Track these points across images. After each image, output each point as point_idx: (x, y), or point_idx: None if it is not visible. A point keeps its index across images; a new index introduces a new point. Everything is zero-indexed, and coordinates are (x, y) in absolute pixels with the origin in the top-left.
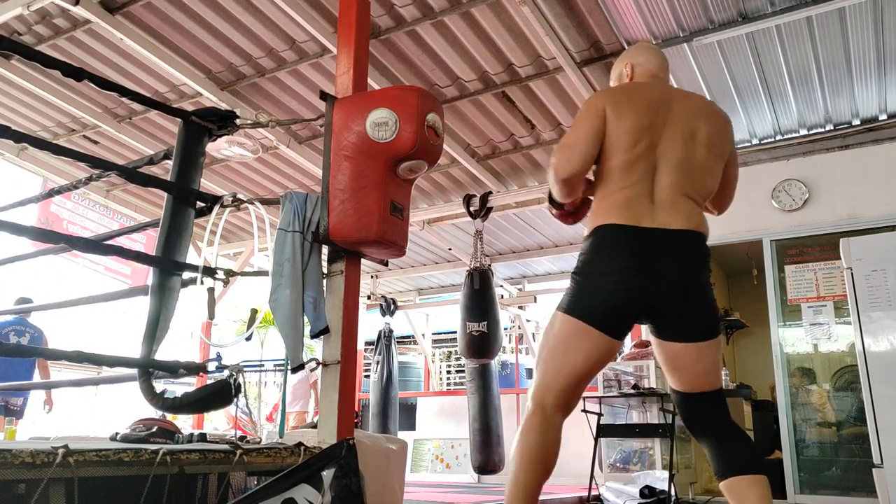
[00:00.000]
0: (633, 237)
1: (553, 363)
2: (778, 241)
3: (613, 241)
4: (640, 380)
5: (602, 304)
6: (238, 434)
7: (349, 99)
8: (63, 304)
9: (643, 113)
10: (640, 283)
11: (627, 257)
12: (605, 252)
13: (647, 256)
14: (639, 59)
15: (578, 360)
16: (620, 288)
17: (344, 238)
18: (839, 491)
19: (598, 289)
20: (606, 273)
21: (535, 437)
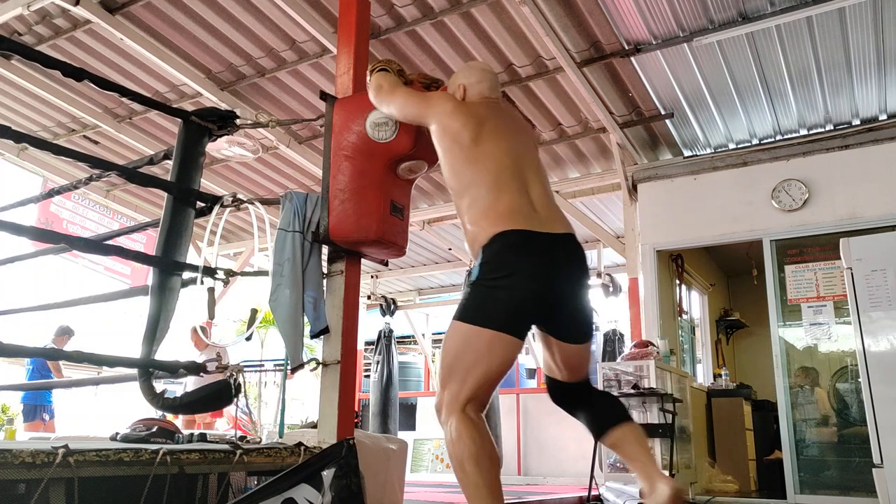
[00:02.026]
0: (533, 242)
1: (471, 374)
2: (778, 241)
3: (515, 247)
4: (640, 380)
5: (510, 309)
6: (238, 434)
7: (349, 99)
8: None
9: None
10: (543, 286)
11: (530, 262)
12: (504, 260)
13: (546, 260)
14: (471, 79)
15: (494, 367)
16: (527, 293)
17: (344, 238)
18: (839, 491)
19: (504, 296)
20: (512, 277)
21: (471, 439)
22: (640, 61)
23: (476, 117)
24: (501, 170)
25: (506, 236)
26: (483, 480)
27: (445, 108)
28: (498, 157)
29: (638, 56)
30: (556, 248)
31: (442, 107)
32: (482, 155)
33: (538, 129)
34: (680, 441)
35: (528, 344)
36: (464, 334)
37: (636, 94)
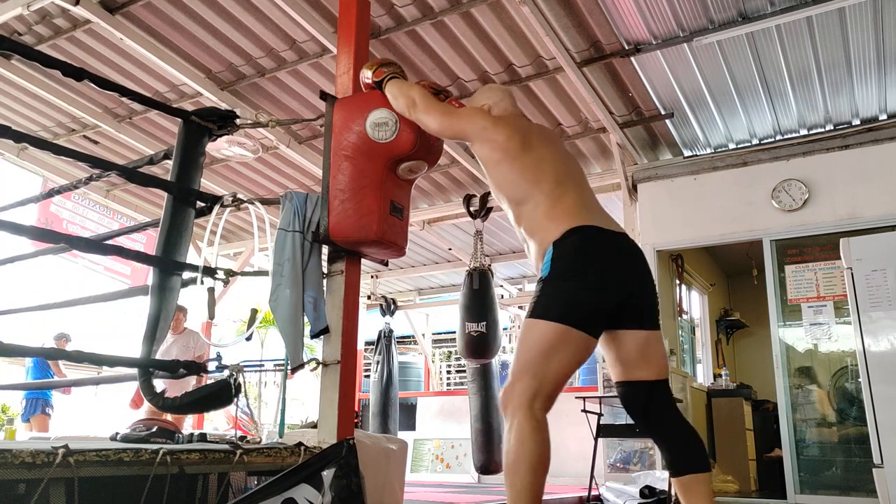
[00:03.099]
0: (604, 238)
1: (542, 372)
2: (778, 241)
3: (584, 244)
4: None
5: (585, 305)
6: (238, 434)
7: (349, 99)
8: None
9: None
10: (616, 281)
11: (603, 257)
12: (578, 255)
13: (614, 256)
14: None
15: (566, 365)
16: (601, 288)
17: (344, 238)
18: (839, 491)
19: (579, 290)
20: (586, 274)
21: (535, 445)
22: (640, 61)
23: (518, 127)
24: (558, 172)
25: (579, 232)
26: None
27: (486, 122)
28: (551, 161)
29: (638, 56)
30: (620, 244)
31: (483, 121)
32: (535, 161)
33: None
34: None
35: None
36: (537, 330)
37: (636, 94)
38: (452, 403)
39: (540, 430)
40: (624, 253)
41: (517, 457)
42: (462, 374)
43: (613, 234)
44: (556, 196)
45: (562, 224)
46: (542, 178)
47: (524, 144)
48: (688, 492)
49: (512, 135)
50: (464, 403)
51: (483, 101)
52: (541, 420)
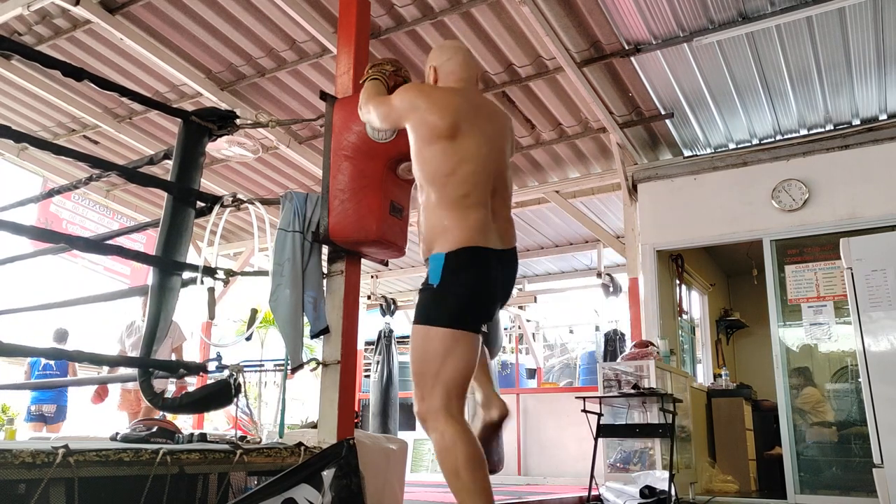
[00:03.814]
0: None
1: (445, 374)
2: (778, 241)
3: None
4: (640, 380)
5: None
6: (238, 434)
7: (349, 99)
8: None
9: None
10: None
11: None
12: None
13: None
14: (441, 59)
15: (461, 362)
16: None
17: (344, 238)
18: (839, 491)
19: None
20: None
21: (464, 445)
22: (640, 61)
23: (452, 108)
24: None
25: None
26: (478, 486)
27: (419, 100)
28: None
29: (638, 56)
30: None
31: (415, 99)
32: (459, 154)
33: (538, 129)
34: (680, 441)
35: (528, 344)
36: (426, 337)
37: (636, 94)
38: None
39: (465, 430)
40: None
41: (455, 462)
42: None
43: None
44: (465, 206)
45: (461, 239)
46: (457, 177)
47: (453, 130)
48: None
49: (443, 116)
50: None
51: (430, 63)
52: (460, 419)
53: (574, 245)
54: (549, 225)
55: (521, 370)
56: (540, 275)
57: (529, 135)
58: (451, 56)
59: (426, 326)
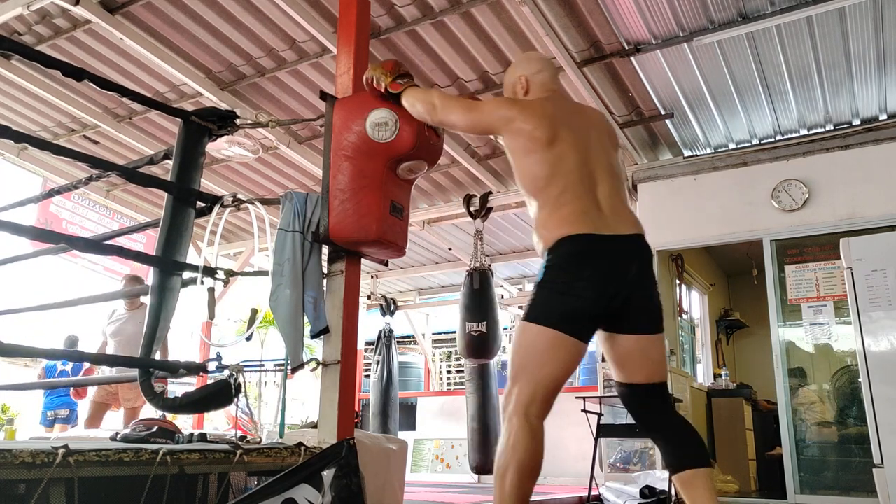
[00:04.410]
0: (597, 245)
1: (534, 376)
2: (778, 241)
3: (575, 253)
4: None
5: (575, 312)
6: (238, 434)
7: (349, 99)
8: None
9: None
10: (608, 289)
11: (595, 265)
12: (574, 262)
13: (607, 263)
14: (531, 70)
15: (558, 370)
16: (591, 295)
17: (344, 238)
18: (839, 491)
19: (569, 298)
20: (577, 282)
21: (528, 452)
22: (640, 61)
23: (547, 116)
24: (573, 172)
25: (572, 241)
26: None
27: (512, 111)
28: (572, 158)
29: (638, 56)
30: (619, 249)
31: (509, 111)
32: (556, 157)
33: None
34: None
35: None
36: (529, 334)
37: (636, 94)
38: (452, 403)
39: (533, 438)
40: (622, 259)
41: (507, 461)
42: (462, 374)
43: (612, 240)
44: (561, 202)
45: (556, 231)
46: (555, 178)
47: (550, 137)
48: (689, 487)
49: (539, 124)
50: (464, 403)
51: (521, 73)
52: (536, 427)
53: None
54: None
55: None
56: None
57: None
58: (542, 69)
59: (524, 323)
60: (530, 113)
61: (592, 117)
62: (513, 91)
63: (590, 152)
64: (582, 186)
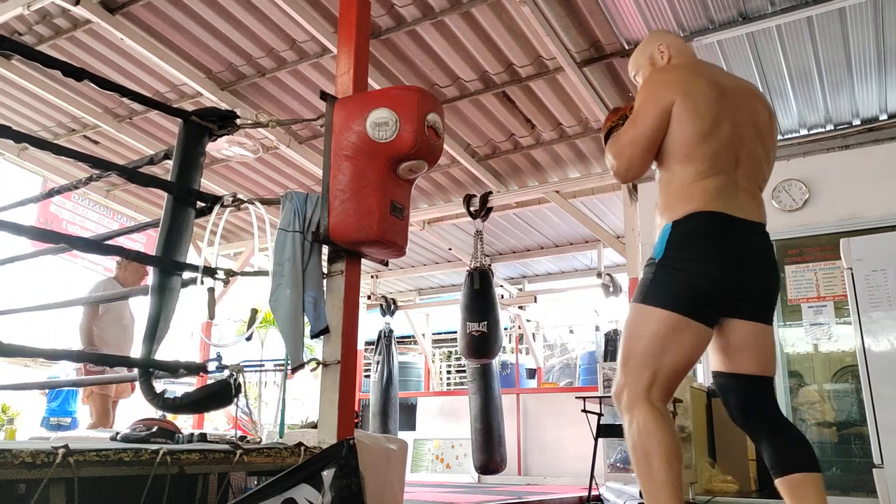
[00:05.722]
0: (724, 227)
1: (655, 360)
2: (778, 241)
3: (712, 229)
4: None
5: (700, 294)
6: (238, 434)
7: (349, 99)
8: (63, 304)
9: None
10: (734, 273)
11: (723, 246)
12: (704, 241)
13: (735, 247)
14: (668, 39)
15: (681, 355)
16: (717, 278)
17: (344, 238)
18: (839, 491)
19: (695, 279)
20: (706, 262)
21: (663, 435)
22: None
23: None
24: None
25: (703, 216)
26: (670, 479)
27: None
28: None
29: None
30: (748, 234)
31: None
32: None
33: (538, 129)
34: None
35: (528, 344)
36: (646, 317)
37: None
38: (452, 403)
39: (666, 420)
40: (749, 244)
41: (647, 450)
42: (462, 374)
43: (744, 224)
44: (702, 175)
45: (689, 205)
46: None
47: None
48: (796, 493)
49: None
50: (464, 403)
51: (661, 41)
52: (663, 411)
53: (574, 245)
54: (549, 225)
55: (521, 370)
56: (540, 275)
57: (529, 135)
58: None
59: (641, 305)
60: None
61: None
62: (651, 63)
63: (739, 129)
64: (727, 162)
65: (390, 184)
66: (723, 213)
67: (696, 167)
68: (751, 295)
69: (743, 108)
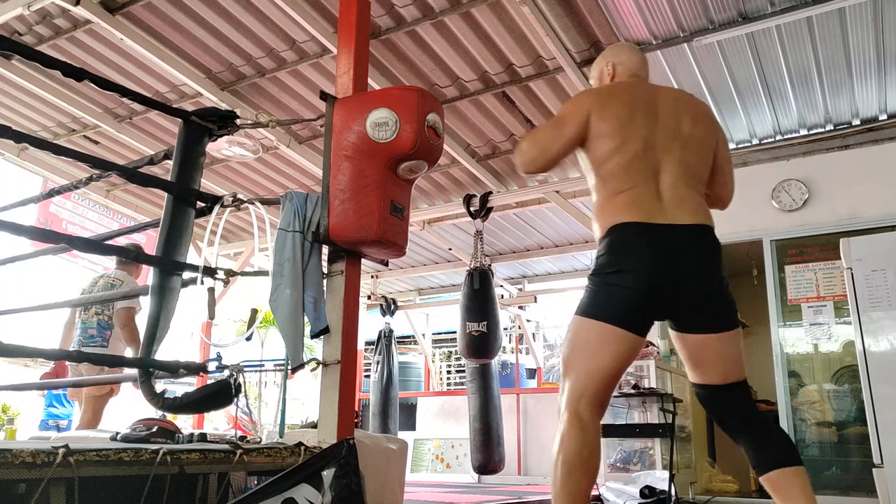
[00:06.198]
0: (649, 234)
1: (583, 369)
2: (778, 241)
3: (630, 239)
4: (640, 380)
5: (624, 303)
6: (238, 434)
7: (349, 99)
8: (63, 304)
9: (633, 113)
10: (661, 280)
11: (645, 254)
12: (622, 251)
13: (664, 252)
14: (620, 57)
15: (608, 362)
16: (642, 286)
17: (344, 238)
18: (839, 491)
19: (619, 289)
20: (626, 272)
21: (576, 445)
22: None
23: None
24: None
25: (618, 229)
26: (567, 489)
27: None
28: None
29: None
30: (673, 238)
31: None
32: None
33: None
34: (680, 441)
35: (528, 344)
36: (579, 327)
37: None
38: (452, 403)
39: (583, 431)
40: (675, 249)
41: (556, 458)
42: (462, 374)
43: (667, 229)
44: (620, 189)
45: (609, 220)
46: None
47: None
48: (780, 488)
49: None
50: (464, 403)
51: (609, 59)
52: (586, 421)
53: (574, 245)
54: (549, 225)
55: (521, 370)
56: (540, 275)
57: None
58: (631, 57)
59: (575, 316)
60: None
61: (680, 101)
62: (599, 79)
63: (660, 139)
64: (642, 174)
65: (390, 184)
66: (640, 223)
67: (612, 185)
68: (689, 299)
69: (663, 120)
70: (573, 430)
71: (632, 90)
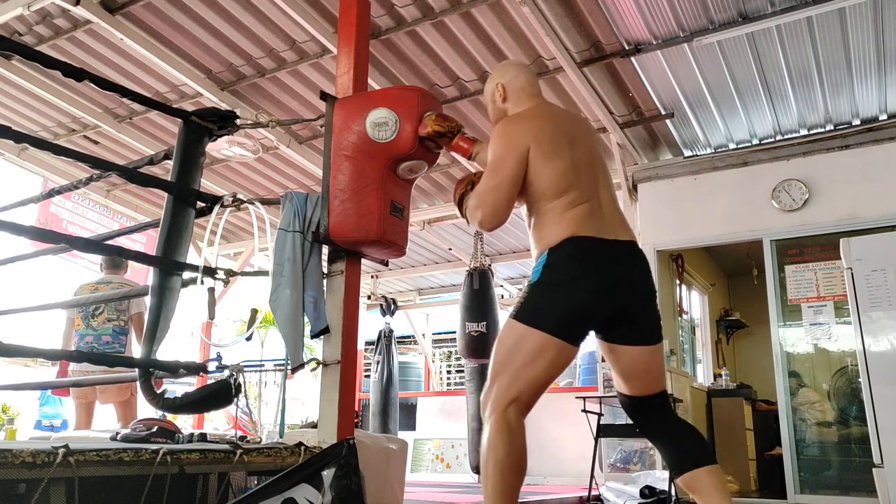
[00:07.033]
0: (596, 249)
1: (517, 375)
2: (778, 241)
3: (587, 251)
4: None
5: (571, 313)
6: (238, 434)
7: (349, 99)
8: (63, 304)
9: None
10: (610, 292)
11: (600, 267)
12: (570, 264)
13: (612, 266)
14: (506, 77)
15: (543, 371)
16: (585, 298)
17: (344, 238)
18: (839, 491)
19: (561, 300)
20: (580, 282)
21: (506, 448)
22: (641, 61)
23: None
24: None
25: (574, 242)
26: (500, 489)
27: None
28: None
29: (638, 56)
30: (620, 254)
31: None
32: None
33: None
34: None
35: None
36: (517, 334)
37: (636, 95)
38: (452, 403)
39: (511, 434)
40: (621, 265)
41: (486, 458)
42: (462, 374)
43: (613, 245)
44: (572, 204)
45: (564, 232)
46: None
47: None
48: (697, 486)
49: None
50: (464, 403)
51: (497, 80)
52: (514, 424)
53: None
54: None
55: None
56: None
57: None
58: (518, 73)
59: (512, 321)
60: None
61: (581, 123)
62: (492, 100)
63: (592, 158)
64: (588, 191)
65: (390, 184)
66: (593, 237)
67: (565, 199)
68: (626, 314)
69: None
70: (502, 433)
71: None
